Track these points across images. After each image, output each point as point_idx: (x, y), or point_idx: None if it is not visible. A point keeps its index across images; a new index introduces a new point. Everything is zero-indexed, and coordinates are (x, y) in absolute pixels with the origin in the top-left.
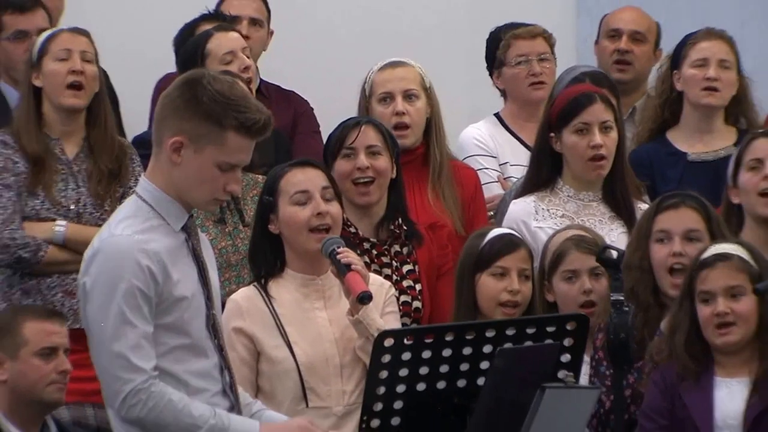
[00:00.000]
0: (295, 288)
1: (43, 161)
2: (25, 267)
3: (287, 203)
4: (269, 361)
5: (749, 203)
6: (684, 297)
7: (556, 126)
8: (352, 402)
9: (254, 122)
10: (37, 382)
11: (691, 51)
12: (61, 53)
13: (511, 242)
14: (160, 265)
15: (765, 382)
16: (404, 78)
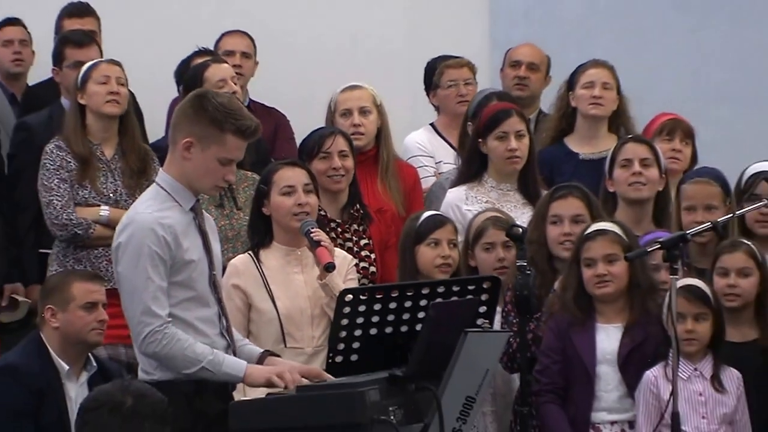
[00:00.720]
0: (280, 256)
1: (89, 161)
2: (78, 241)
3: (277, 193)
4: (257, 311)
5: (621, 191)
6: (572, 263)
7: (483, 133)
8: (319, 345)
9: (247, 127)
10: (81, 328)
11: (582, 76)
12: (101, 78)
13: (440, 220)
14: (173, 235)
15: (633, 327)
16: (360, 98)
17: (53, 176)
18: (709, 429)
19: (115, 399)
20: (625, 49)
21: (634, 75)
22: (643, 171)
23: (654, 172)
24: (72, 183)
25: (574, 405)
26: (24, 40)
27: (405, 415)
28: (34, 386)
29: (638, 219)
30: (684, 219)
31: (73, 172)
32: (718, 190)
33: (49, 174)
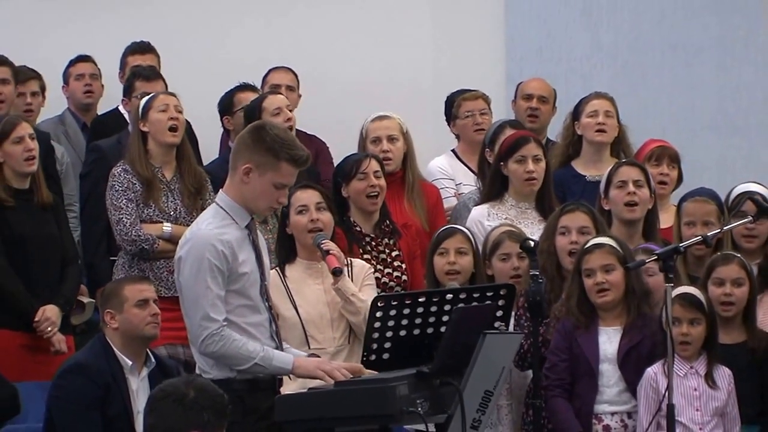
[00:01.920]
0: (302, 270)
1: (152, 183)
2: (145, 255)
3: (294, 213)
4: (282, 318)
5: (617, 210)
6: (574, 273)
7: (504, 157)
8: (340, 344)
9: (300, 157)
10: (138, 324)
11: (586, 106)
12: (161, 106)
13: (450, 231)
14: (230, 249)
15: (630, 329)
16: (388, 127)
17: (121, 196)
18: (703, 420)
19: (180, 391)
20: (625, 82)
21: (632, 106)
22: (636, 191)
23: (645, 192)
24: (138, 202)
25: (579, 398)
26: (94, 74)
27: (431, 407)
28: (101, 381)
29: (630, 234)
30: (684, 233)
31: (139, 193)
32: (715, 207)
33: (118, 195)
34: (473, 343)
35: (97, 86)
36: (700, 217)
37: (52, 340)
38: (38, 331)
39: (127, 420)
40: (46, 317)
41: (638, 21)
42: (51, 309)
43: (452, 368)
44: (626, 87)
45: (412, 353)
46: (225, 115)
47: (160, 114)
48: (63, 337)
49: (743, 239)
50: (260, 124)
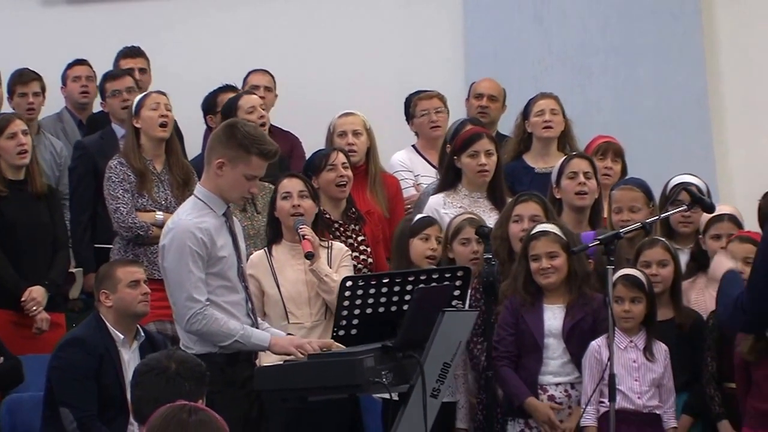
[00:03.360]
0: (286, 251)
1: (144, 174)
2: (140, 240)
3: (279, 198)
4: (266, 295)
5: (567, 198)
6: (521, 257)
7: (459, 151)
8: (316, 320)
9: (269, 151)
10: (131, 302)
11: (534, 107)
12: (153, 105)
13: (431, 220)
14: (208, 236)
15: (573, 307)
16: (353, 122)
17: (118, 187)
18: (641, 390)
19: (162, 365)
20: (573, 83)
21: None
22: (586, 182)
23: (593, 183)
24: (132, 192)
25: (526, 370)
26: (89, 77)
27: (395, 377)
28: (95, 353)
29: (579, 221)
30: (613, 219)
31: (133, 184)
32: (641, 194)
33: (114, 185)
34: (433, 320)
35: (92, 87)
36: (626, 204)
37: (36, 318)
38: (24, 309)
39: (119, 388)
40: (32, 297)
41: (585, 27)
42: (37, 290)
43: (414, 342)
44: (574, 87)
45: (378, 329)
46: (208, 114)
47: (151, 112)
48: (47, 316)
49: (679, 225)
50: (232, 122)
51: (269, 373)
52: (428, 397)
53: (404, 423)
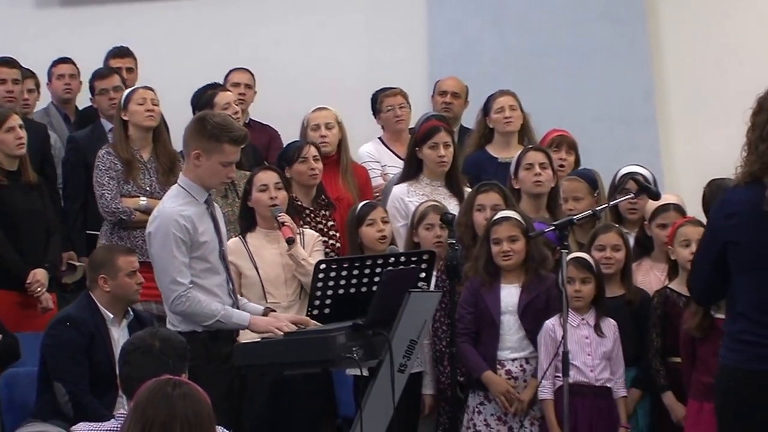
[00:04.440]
0: (261, 237)
1: (131, 163)
2: (123, 224)
3: (256, 190)
4: (245, 277)
5: (525, 188)
6: (483, 240)
7: (419, 143)
8: (291, 300)
9: (238, 137)
10: (128, 290)
11: (494, 103)
12: (140, 100)
13: (373, 205)
14: (191, 223)
15: (528, 287)
16: (326, 116)
17: (104, 175)
18: (593, 364)
19: (146, 343)
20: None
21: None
22: (541, 172)
23: (549, 173)
24: (119, 180)
25: (484, 346)
26: (73, 74)
27: (365, 353)
28: (86, 330)
29: (537, 208)
30: (562, 207)
31: (120, 172)
32: (584, 185)
33: (101, 173)
34: (400, 300)
35: (75, 84)
36: (570, 193)
37: (40, 298)
38: (29, 290)
39: (109, 364)
40: (37, 279)
41: (539, 29)
42: (40, 272)
43: (382, 321)
44: (530, 85)
45: (349, 308)
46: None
47: (138, 106)
48: (50, 295)
49: (627, 212)
50: (201, 115)
51: (248, 350)
52: (395, 371)
53: (373, 396)
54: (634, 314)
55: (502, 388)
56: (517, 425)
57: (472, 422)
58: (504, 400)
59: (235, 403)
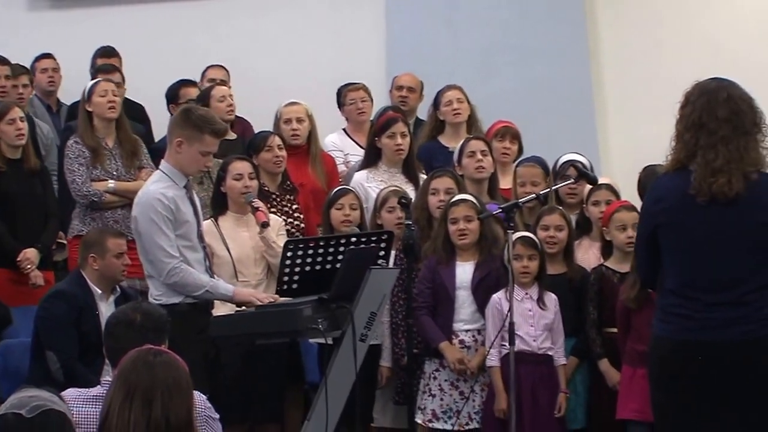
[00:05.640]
0: (233, 221)
1: (98, 150)
2: (95, 206)
3: (230, 178)
4: (217, 257)
5: (467, 173)
6: (441, 221)
7: (378, 133)
8: (260, 278)
9: (219, 130)
10: (115, 271)
11: (443, 98)
12: (102, 92)
13: (344, 190)
14: (174, 204)
15: (481, 265)
16: (297, 111)
17: (74, 162)
18: (536, 334)
19: (129, 317)
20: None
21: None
22: (483, 159)
23: (489, 160)
24: (87, 166)
25: (441, 318)
26: (55, 68)
27: (329, 325)
28: (76, 304)
29: (479, 192)
30: (518, 190)
31: (88, 159)
32: (540, 170)
33: (71, 161)
34: (361, 276)
35: (57, 77)
36: (529, 178)
37: (30, 275)
38: (20, 268)
39: (97, 335)
40: (27, 257)
41: (489, 30)
42: (31, 251)
43: (345, 295)
44: (480, 80)
45: (315, 284)
46: (171, 103)
47: (100, 98)
48: (40, 273)
49: (567, 196)
50: (187, 107)
51: (223, 321)
52: (357, 341)
53: (337, 363)
54: (575, 289)
55: (457, 356)
56: (468, 389)
57: (427, 387)
58: (458, 365)
59: (210, 370)
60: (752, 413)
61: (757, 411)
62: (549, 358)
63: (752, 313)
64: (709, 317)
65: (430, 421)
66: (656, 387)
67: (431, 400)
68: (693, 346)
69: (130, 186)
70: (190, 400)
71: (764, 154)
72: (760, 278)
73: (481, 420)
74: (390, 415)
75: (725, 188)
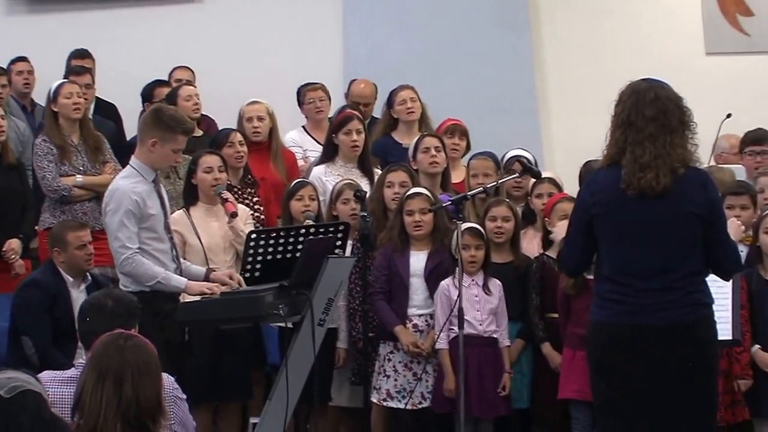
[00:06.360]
0: (203, 211)
1: (64, 147)
2: (64, 200)
3: (201, 171)
4: (189, 245)
5: (423, 168)
6: (397, 212)
7: (335, 130)
8: (229, 265)
9: (189, 129)
10: (78, 261)
11: (396, 97)
12: (67, 94)
13: (303, 183)
14: (141, 198)
15: (434, 254)
16: (258, 109)
17: (43, 159)
18: (482, 318)
19: (101, 302)
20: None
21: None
22: (436, 155)
23: (442, 155)
24: (56, 162)
25: (396, 303)
26: (30, 71)
27: (289, 310)
28: (49, 292)
29: (433, 186)
30: (471, 182)
31: (56, 156)
32: (492, 163)
33: (40, 158)
34: (319, 265)
35: (32, 79)
36: (481, 170)
37: (14, 265)
38: (5, 257)
39: (70, 321)
40: (12, 248)
41: (439, 33)
42: (15, 242)
43: (305, 282)
44: (430, 81)
45: (276, 272)
46: (146, 102)
47: (65, 100)
48: (23, 262)
49: (513, 189)
50: (157, 108)
51: (189, 307)
52: (316, 325)
53: (297, 346)
54: (521, 277)
55: (410, 339)
56: (421, 370)
57: (383, 368)
58: (411, 347)
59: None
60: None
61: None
62: (494, 340)
63: (681, 298)
64: (641, 302)
65: (385, 400)
66: (594, 369)
67: (386, 380)
68: (627, 330)
69: (96, 180)
70: (158, 382)
71: (692, 150)
72: (688, 266)
73: (432, 399)
74: (346, 395)
75: (653, 183)
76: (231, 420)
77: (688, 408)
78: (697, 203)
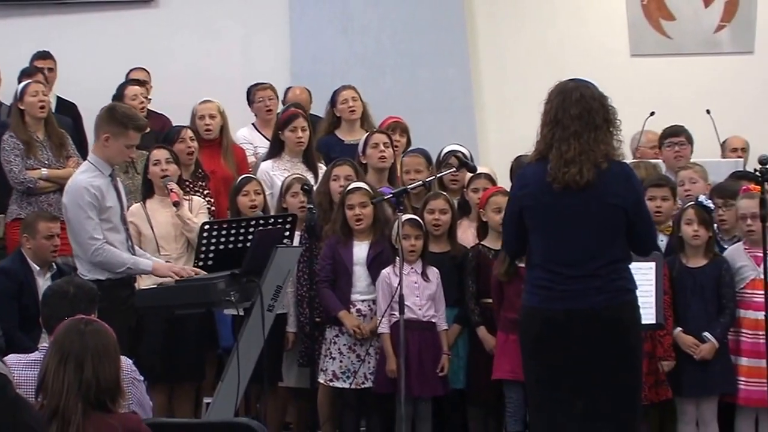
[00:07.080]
0: (157, 202)
1: (30, 143)
2: (30, 192)
3: (151, 165)
4: (143, 235)
5: (372, 163)
6: (339, 206)
7: (281, 127)
8: (180, 253)
9: (141, 126)
10: (44, 251)
11: (338, 97)
12: (33, 93)
13: (249, 178)
14: (99, 192)
15: (375, 243)
16: (210, 108)
17: (10, 154)
18: (421, 303)
19: (63, 289)
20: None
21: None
22: (385, 150)
23: (390, 151)
24: (22, 157)
25: (340, 290)
26: None
27: (240, 296)
28: (16, 279)
29: (381, 180)
30: (404, 178)
31: (22, 151)
32: (423, 160)
33: (7, 153)
34: (268, 254)
35: None
36: (413, 167)
37: None
38: None
39: (35, 307)
40: None
41: (379, 36)
42: None
43: (255, 271)
44: (372, 81)
45: (228, 260)
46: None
47: (31, 98)
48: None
49: (450, 182)
50: (112, 105)
51: (146, 294)
52: (265, 311)
53: (248, 331)
54: (457, 265)
55: (354, 323)
56: (364, 353)
57: (328, 351)
58: (356, 330)
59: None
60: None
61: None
62: (433, 324)
63: (606, 284)
64: (568, 289)
65: (331, 380)
66: (526, 352)
67: (331, 362)
68: (556, 315)
69: (60, 173)
70: (117, 364)
71: (616, 146)
72: (611, 254)
73: (374, 380)
74: (295, 376)
75: (576, 177)
76: (185, 400)
77: (615, 387)
78: (621, 195)
